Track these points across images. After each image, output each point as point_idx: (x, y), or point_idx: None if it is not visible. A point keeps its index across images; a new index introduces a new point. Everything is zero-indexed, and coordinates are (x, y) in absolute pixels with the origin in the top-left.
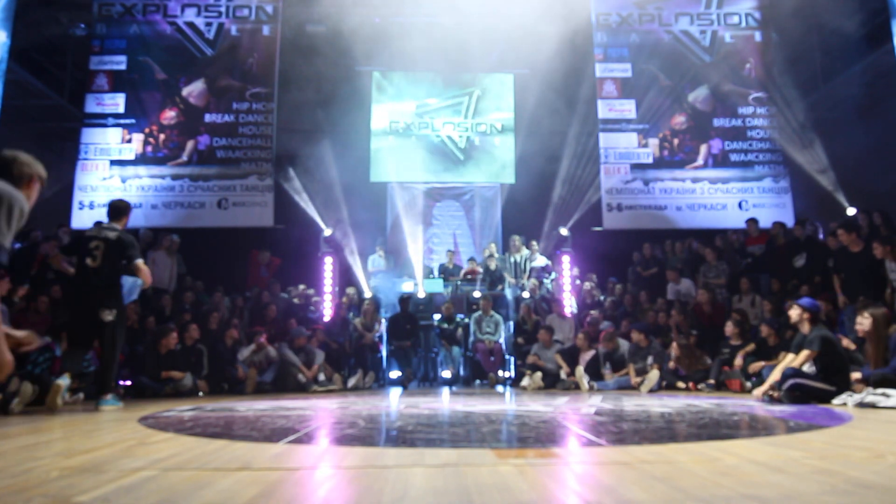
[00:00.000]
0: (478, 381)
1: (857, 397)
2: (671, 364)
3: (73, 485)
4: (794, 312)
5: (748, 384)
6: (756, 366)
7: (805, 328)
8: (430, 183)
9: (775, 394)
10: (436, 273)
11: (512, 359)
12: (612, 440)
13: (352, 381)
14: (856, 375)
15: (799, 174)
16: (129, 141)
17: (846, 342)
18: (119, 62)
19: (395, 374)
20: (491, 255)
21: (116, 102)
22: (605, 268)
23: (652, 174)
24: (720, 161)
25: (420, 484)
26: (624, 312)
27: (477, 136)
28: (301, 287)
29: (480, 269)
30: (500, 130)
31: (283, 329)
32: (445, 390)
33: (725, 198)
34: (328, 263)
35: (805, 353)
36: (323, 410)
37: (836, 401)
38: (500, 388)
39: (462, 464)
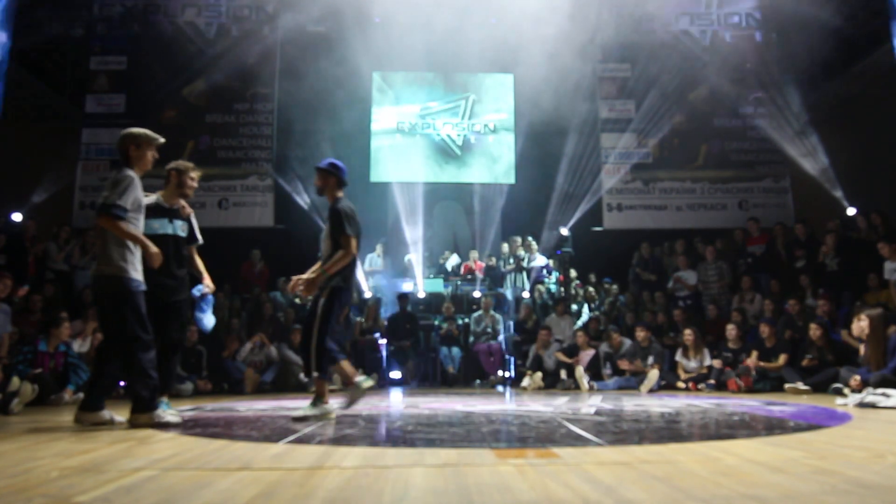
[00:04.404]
0: (478, 381)
1: (857, 397)
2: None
3: (73, 485)
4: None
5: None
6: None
7: None
8: (431, 183)
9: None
10: (449, 270)
11: (512, 359)
12: (612, 440)
13: None
14: (854, 378)
15: (799, 174)
16: None
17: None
18: (119, 62)
19: (395, 374)
20: (492, 255)
21: (117, 102)
22: (605, 268)
23: (652, 174)
24: (720, 161)
25: (420, 484)
26: (620, 315)
27: (473, 134)
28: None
29: (477, 260)
30: (493, 130)
31: (282, 329)
32: (445, 390)
33: (725, 198)
34: None
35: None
36: None
37: (838, 401)
38: (500, 388)
39: (462, 464)
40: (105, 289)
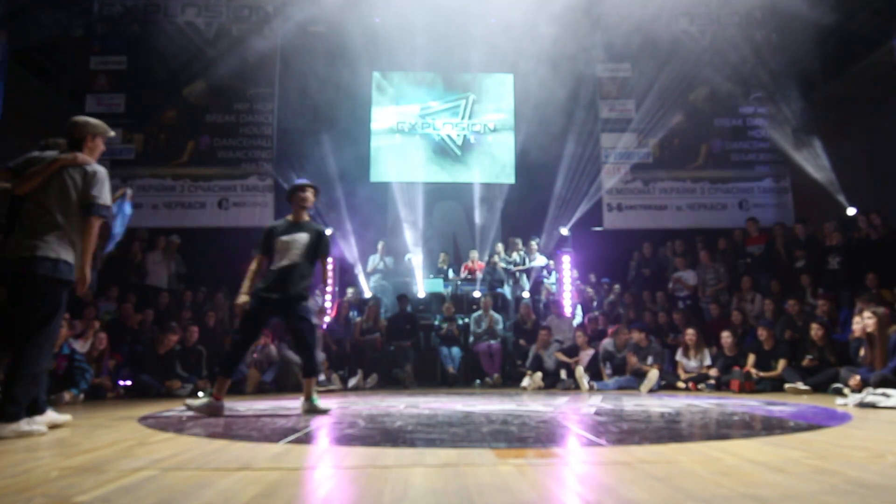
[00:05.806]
0: (478, 381)
1: (857, 397)
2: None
3: (73, 485)
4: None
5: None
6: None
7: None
8: (431, 183)
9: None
10: (448, 272)
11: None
12: (612, 440)
13: (352, 382)
14: (854, 378)
15: (799, 174)
16: (130, 141)
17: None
18: (119, 62)
19: (395, 374)
20: (493, 255)
21: (117, 102)
22: (605, 268)
23: (652, 174)
24: (720, 161)
25: (420, 484)
26: (619, 315)
27: (473, 134)
28: None
29: (477, 261)
30: (493, 130)
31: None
32: (445, 390)
33: (725, 198)
34: (328, 263)
35: None
36: None
37: (838, 401)
38: (499, 388)
39: (462, 464)
40: (48, 272)
